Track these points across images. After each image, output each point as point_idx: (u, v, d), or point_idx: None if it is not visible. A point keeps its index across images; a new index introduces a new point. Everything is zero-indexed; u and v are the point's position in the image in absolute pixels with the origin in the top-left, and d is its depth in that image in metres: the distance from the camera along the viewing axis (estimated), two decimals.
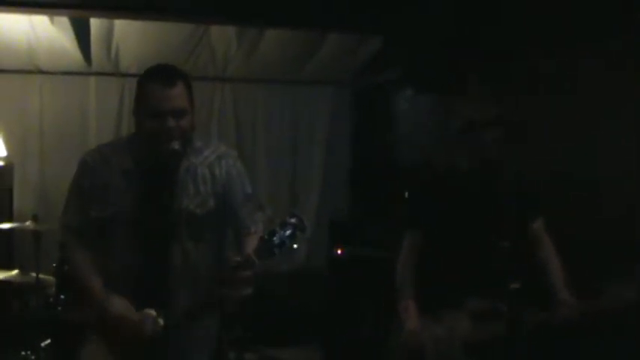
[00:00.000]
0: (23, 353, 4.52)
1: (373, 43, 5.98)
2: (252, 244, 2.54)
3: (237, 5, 4.99)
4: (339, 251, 5.35)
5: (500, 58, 4.73)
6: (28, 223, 4.65)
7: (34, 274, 4.51)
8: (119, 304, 2.61)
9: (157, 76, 2.63)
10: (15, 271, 4.60)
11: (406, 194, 3.55)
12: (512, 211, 3.07)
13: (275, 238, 2.41)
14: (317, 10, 5.13)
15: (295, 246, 2.42)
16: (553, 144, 4.29)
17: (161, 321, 2.57)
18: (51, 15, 5.16)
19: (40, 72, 5.81)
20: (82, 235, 2.76)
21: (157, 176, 2.67)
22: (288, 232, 2.41)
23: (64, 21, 5.28)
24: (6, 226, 4.78)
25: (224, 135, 6.24)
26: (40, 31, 5.33)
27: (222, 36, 5.78)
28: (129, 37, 5.54)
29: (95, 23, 5.34)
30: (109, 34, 5.48)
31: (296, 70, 6.31)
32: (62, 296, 4.55)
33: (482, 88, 4.82)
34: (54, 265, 4.59)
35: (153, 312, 2.58)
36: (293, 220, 2.43)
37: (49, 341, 4.50)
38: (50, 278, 4.60)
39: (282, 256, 2.43)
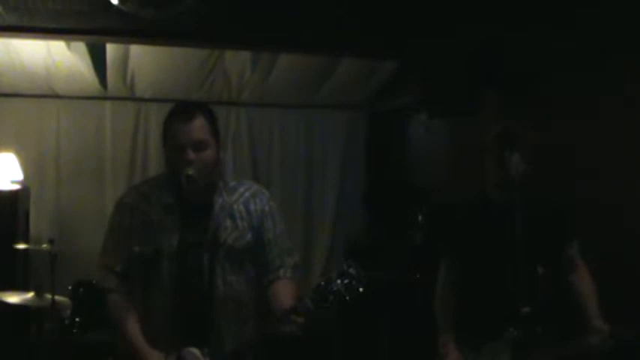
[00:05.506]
0: None
1: (388, 67, 6.00)
2: (287, 289, 2.63)
3: (252, 30, 5.03)
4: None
5: (520, 82, 4.67)
6: (44, 245, 4.67)
7: (49, 297, 4.52)
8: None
9: (176, 113, 2.71)
10: (31, 294, 4.62)
11: (419, 217, 3.49)
12: (548, 236, 3.05)
13: (332, 287, 2.36)
14: (331, 35, 5.15)
15: (348, 298, 2.35)
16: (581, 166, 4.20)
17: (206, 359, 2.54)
18: (68, 41, 5.22)
19: (57, 97, 5.89)
20: (120, 277, 2.74)
21: (195, 210, 2.70)
22: (345, 282, 2.36)
23: (80, 46, 5.35)
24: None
25: (239, 159, 6.27)
26: (57, 57, 5.40)
27: (237, 61, 5.82)
28: (144, 62, 5.60)
29: (111, 49, 5.40)
30: (124, 59, 5.54)
31: (311, 94, 6.34)
32: (77, 319, 4.57)
33: (501, 113, 4.80)
34: (69, 287, 4.61)
35: (196, 350, 2.56)
36: (351, 271, 2.37)
37: None
38: (66, 301, 4.61)
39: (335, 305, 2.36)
